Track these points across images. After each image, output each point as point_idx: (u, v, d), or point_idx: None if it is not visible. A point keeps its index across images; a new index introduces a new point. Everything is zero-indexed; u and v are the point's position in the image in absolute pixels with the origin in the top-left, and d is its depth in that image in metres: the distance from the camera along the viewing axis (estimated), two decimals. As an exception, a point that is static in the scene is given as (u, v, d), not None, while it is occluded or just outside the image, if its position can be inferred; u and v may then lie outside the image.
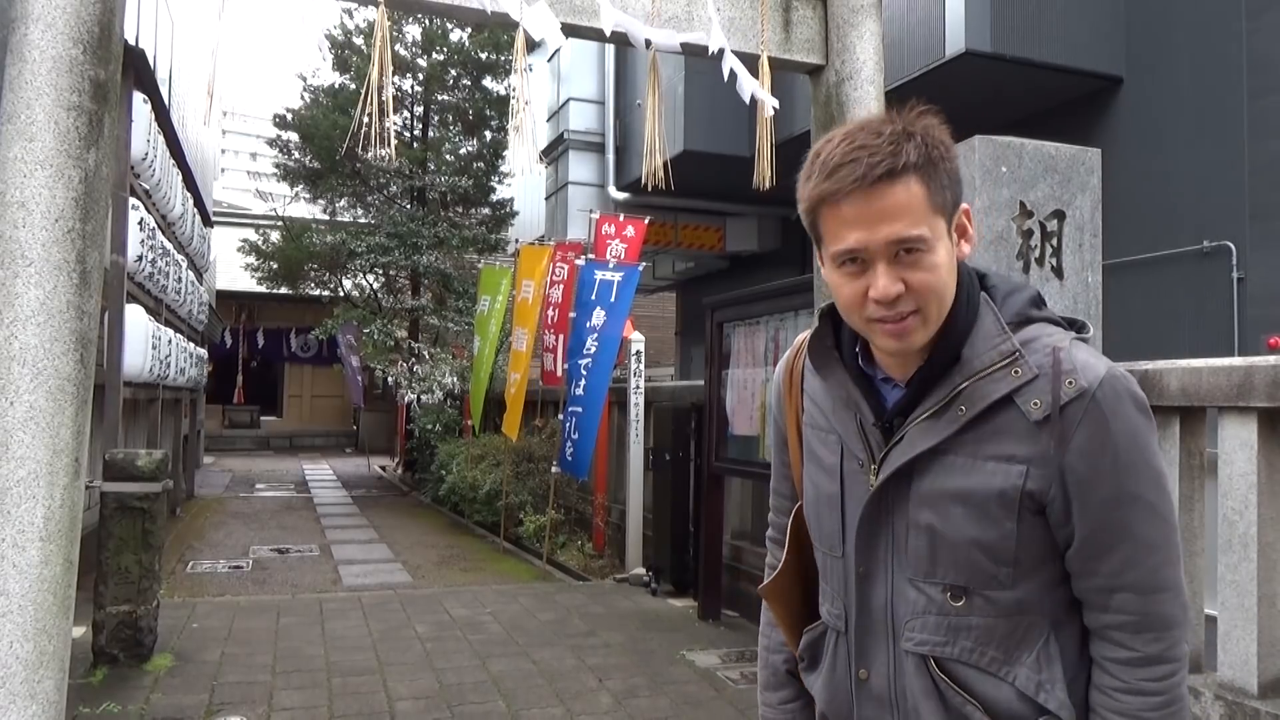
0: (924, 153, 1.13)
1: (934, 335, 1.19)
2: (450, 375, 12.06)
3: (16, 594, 2.88)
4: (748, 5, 4.26)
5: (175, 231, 9.61)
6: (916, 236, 1.13)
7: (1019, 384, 1.16)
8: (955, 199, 1.18)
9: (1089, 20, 7.16)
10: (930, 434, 1.19)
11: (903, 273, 1.14)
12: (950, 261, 1.18)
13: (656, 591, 6.72)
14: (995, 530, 1.16)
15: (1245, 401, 2.88)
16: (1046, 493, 1.16)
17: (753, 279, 11.43)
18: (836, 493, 1.29)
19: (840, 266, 1.18)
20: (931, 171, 1.14)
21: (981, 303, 1.22)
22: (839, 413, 1.29)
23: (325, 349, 20.31)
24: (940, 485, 1.19)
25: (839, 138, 1.17)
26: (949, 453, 1.18)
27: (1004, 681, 1.20)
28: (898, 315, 1.15)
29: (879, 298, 1.14)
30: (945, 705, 1.22)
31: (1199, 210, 6.62)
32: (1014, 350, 1.17)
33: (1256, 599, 2.86)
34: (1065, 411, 1.14)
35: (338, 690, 4.48)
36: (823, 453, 1.32)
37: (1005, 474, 1.15)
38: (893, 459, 1.21)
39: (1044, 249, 3.29)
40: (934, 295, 1.16)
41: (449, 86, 14.83)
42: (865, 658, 1.28)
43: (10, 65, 3.04)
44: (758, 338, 5.73)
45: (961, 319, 1.20)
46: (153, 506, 4.74)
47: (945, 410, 1.18)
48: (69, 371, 3.02)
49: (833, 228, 1.16)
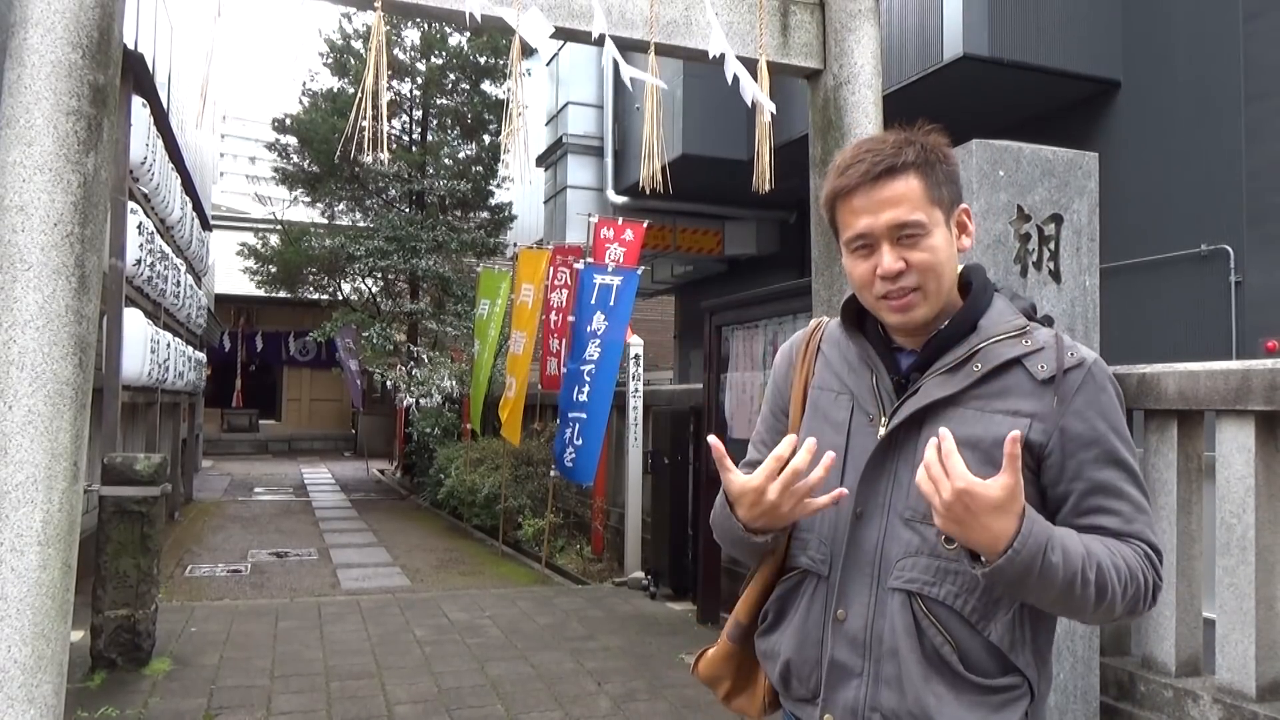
0: (922, 155, 1.33)
1: (952, 310, 1.37)
2: (449, 379, 12.05)
3: (15, 598, 2.88)
4: (745, 10, 4.27)
5: (174, 235, 9.61)
6: (914, 221, 1.32)
7: (1029, 350, 1.32)
8: (953, 197, 1.37)
9: (1086, 24, 7.17)
10: (946, 385, 1.33)
11: (904, 253, 1.32)
12: (949, 248, 1.35)
13: (655, 595, 6.72)
14: None
15: (1243, 405, 2.88)
16: (1045, 446, 1.30)
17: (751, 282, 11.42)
18: (841, 445, 1.39)
19: (854, 252, 1.37)
20: (928, 170, 1.33)
21: (996, 294, 1.41)
22: (854, 374, 1.43)
23: (324, 352, 20.32)
24: (951, 432, 1.27)
25: (851, 146, 1.40)
26: (960, 404, 1.32)
27: (978, 634, 1.29)
28: (901, 290, 1.33)
29: (884, 273, 1.32)
30: (922, 644, 1.29)
31: (1197, 214, 6.63)
32: (1025, 325, 1.35)
33: (1254, 602, 2.87)
34: (1067, 375, 1.30)
35: (336, 694, 4.48)
36: (832, 411, 1.44)
37: (1012, 425, 1.26)
38: (906, 407, 1.34)
39: (1041, 253, 3.29)
40: (932, 273, 1.33)
41: (447, 90, 14.83)
42: (846, 598, 1.35)
43: (9, 70, 3.05)
44: (756, 341, 5.74)
45: (979, 299, 1.38)
46: (151, 510, 4.74)
47: (962, 366, 1.33)
48: (68, 375, 3.03)
49: (846, 218, 1.37)
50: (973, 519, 1.17)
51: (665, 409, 7.03)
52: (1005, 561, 1.17)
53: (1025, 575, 1.18)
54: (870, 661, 1.32)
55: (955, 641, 1.28)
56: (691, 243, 12.00)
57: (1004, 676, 1.30)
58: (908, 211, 1.31)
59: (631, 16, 4.08)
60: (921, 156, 1.33)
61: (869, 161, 1.32)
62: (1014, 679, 1.30)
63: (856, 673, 1.33)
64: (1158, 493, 3.19)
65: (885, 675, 1.30)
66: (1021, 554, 1.16)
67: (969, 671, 1.28)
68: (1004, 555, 1.17)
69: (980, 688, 1.28)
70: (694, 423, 6.55)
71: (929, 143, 1.35)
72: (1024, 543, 1.16)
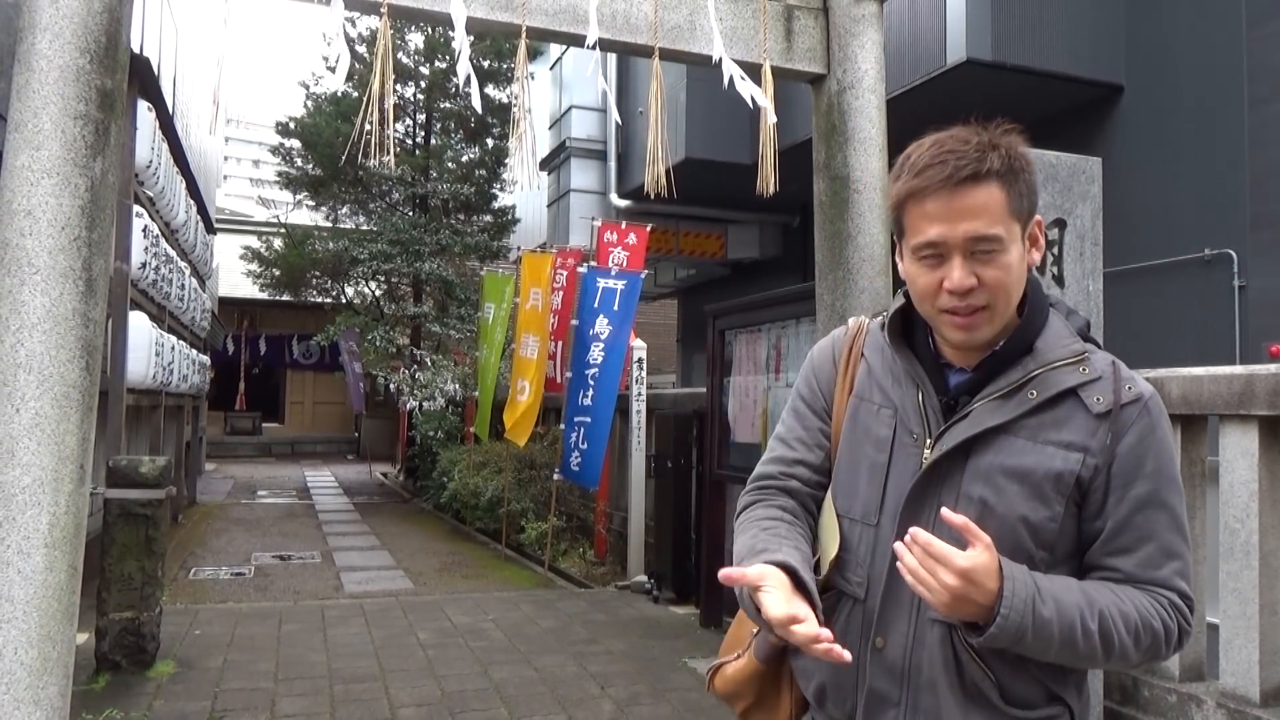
0: (1007, 163, 1.23)
1: (1010, 327, 1.29)
2: (452, 382, 12.07)
3: (21, 600, 2.89)
4: (749, 15, 4.28)
5: (178, 238, 9.64)
6: (993, 235, 1.22)
7: (1086, 380, 1.26)
8: (1031, 208, 1.28)
9: (1090, 29, 7.18)
10: (998, 413, 1.26)
11: (977, 268, 1.23)
12: (1021, 265, 1.26)
13: (658, 598, 6.72)
14: (1045, 510, 1.24)
15: (1246, 410, 2.89)
16: (1092, 482, 1.24)
17: (754, 286, 11.44)
18: (883, 463, 1.34)
19: (921, 259, 1.27)
20: (1012, 180, 1.24)
21: (1051, 310, 1.34)
22: (898, 388, 1.36)
23: (327, 355, 20.34)
24: (1000, 462, 1.26)
25: (929, 143, 1.27)
26: (1011, 433, 1.26)
27: (1021, 667, 1.25)
28: (969, 308, 1.24)
29: (954, 288, 1.23)
30: (962, 678, 1.26)
31: (1200, 218, 6.63)
32: (1083, 351, 1.29)
33: (1258, 607, 2.87)
34: (1124, 410, 1.25)
35: (340, 697, 4.49)
36: (875, 425, 1.37)
37: (1065, 459, 1.24)
38: (956, 433, 1.27)
39: (1045, 257, 3.30)
40: (1004, 292, 1.25)
41: (451, 94, 14.87)
42: (884, 626, 1.31)
43: (18, 74, 3.06)
44: (759, 345, 5.74)
45: (1036, 317, 1.31)
46: (155, 513, 4.75)
47: (1016, 392, 1.26)
48: (74, 378, 3.04)
49: (916, 222, 1.26)
50: (966, 596, 1.14)
51: (668, 413, 7.04)
52: (998, 626, 1.15)
53: (1020, 633, 1.16)
54: (908, 692, 1.29)
55: (995, 676, 1.25)
56: (694, 246, 12.01)
57: (1048, 706, 1.27)
58: (987, 225, 1.21)
59: (635, 22, 4.09)
60: (1006, 165, 1.22)
61: (952, 165, 1.21)
62: (1056, 708, 1.28)
63: (894, 702, 1.30)
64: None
65: (923, 706, 1.28)
66: (1010, 617, 1.14)
67: (1008, 705, 1.25)
68: (996, 617, 1.15)
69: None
70: (697, 426, 6.55)
71: (1013, 149, 1.24)
72: (1010, 602, 1.14)
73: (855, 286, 4.12)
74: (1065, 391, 1.25)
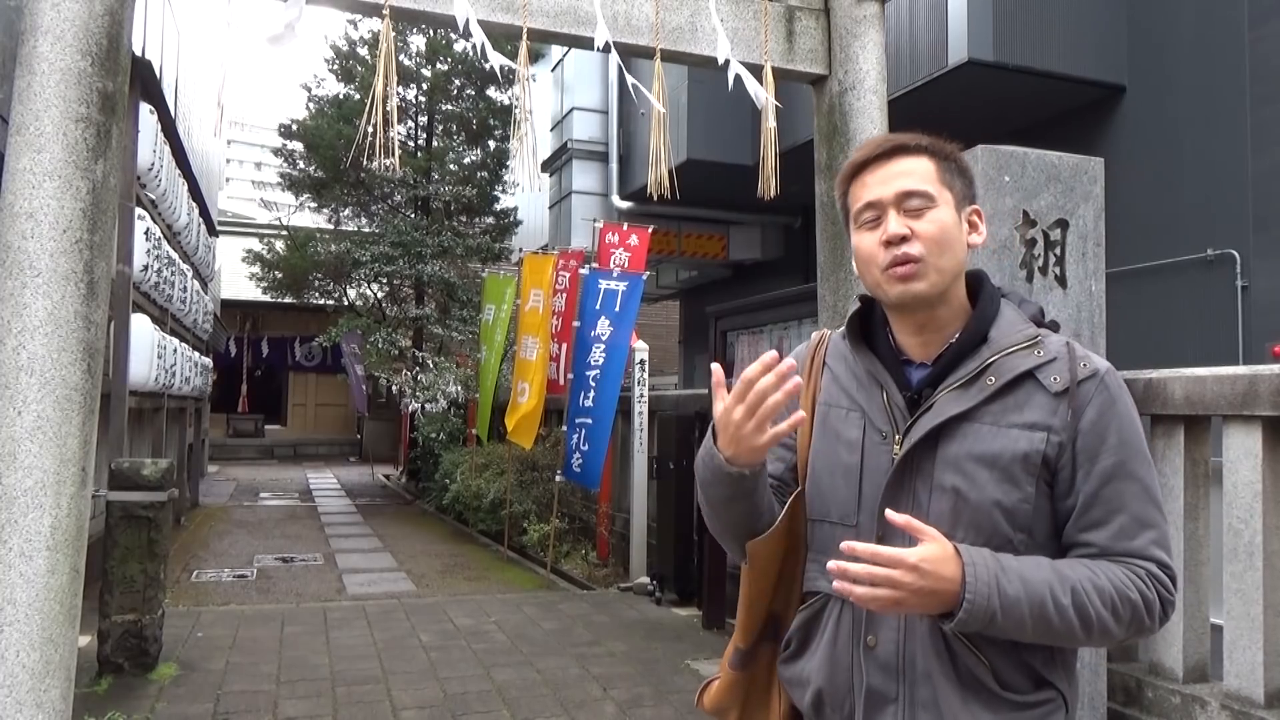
0: (935, 144, 1.37)
1: (962, 317, 1.36)
2: (454, 384, 12.07)
3: (24, 603, 2.89)
4: (751, 16, 4.28)
5: (180, 241, 9.65)
6: (922, 191, 1.33)
7: (1041, 362, 1.31)
8: (965, 192, 1.38)
9: (1092, 29, 7.17)
10: (959, 401, 1.30)
11: (910, 221, 1.32)
12: (956, 230, 1.34)
13: (661, 600, 6.71)
14: (1017, 493, 1.27)
15: (1250, 410, 2.88)
16: (1059, 459, 1.28)
17: (756, 288, 11.44)
18: (856, 464, 1.37)
19: (862, 226, 1.37)
20: (940, 157, 1.36)
21: (1003, 299, 1.40)
22: (863, 391, 1.40)
23: (329, 358, 20.36)
24: (967, 449, 1.29)
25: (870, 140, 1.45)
26: (975, 420, 1.30)
27: (1011, 651, 1.27)
28: (904, 256, 1.31)
29: (888, 237, 1.32)
30: (956, 665, 1.27)
31: (1203, 219, 6.62)
32: (1036, 335, 1.34)
33: (1262, 608, 2.86)
34: (1081, 387, 1.29)
35: (342, 699, 4.48)
36: (844, 429, 1.40)
37: (1029, 439, 1.27)
38: (921, 425, 1.31)
39: (1047, 258, 3.29)
40: (935, 246, 1.31)
41: (453, 96, 14.88)
42: (874, 624, 1.32)
43: (19, 77, 3.07)
44: (761, 346, 5.75)
45: (988, 306, 1.37)
46: (158, 515, 4.75)
47: (975, 380, 1.31)
48: (76, 381, 3.04)
49: (856, 192, 1.38)
50: (928, 589, 1.17)
51: (670, 414, 7.03)
52: (965, 610, 1.17)
53: (990, 614, 1.18)
54: (905, 686, 1.29)
55: (989, 660, 1.27)
56: (696, 248, 12.01)
57: (1038, 692, 1.29)
58: (916, 182, 1.33)
59: (637, 23, 4.09)
60: (934, 144, 1.37)
61: (885, 143, 1.37)
62: (1048, 693, 1.29)
63: (892, 698, 1.30)
64: (1164, 498, 3.18)
65: (921, 699, 1.28)
66: (975, 600, 1.16)
67: (1004, 690, 1.27)
68: (962, 601, 1.17)
69: (1017, 705, 1.27)
70: (699, 428, 6.55)
71: (942, 140, 1.39)
72: (974, 586, 1.16)
73: (857, 287, 4.12)
74: (1022, 375, 1.30)
